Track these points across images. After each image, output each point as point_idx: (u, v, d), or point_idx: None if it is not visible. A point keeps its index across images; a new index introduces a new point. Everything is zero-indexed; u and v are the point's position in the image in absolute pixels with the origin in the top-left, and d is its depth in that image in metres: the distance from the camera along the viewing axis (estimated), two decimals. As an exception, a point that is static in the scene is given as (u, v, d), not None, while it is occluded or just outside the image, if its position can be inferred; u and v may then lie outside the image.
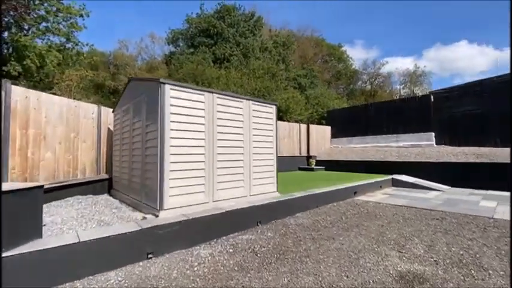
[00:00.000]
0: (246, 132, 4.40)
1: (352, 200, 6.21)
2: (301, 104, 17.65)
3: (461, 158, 9.13)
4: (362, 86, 34.68)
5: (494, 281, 2.45)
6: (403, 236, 3.73)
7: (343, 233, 3.87)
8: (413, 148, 11.46)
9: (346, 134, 14.40)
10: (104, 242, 2.64)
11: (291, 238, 3.63)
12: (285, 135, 11.65)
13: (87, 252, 2.54)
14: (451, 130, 11.09)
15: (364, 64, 35.31)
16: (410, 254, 3.09)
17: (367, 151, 12.47)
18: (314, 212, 5.08)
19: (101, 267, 2.59)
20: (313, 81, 23.99)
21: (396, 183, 8.44)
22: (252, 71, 18.57)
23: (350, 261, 2.91)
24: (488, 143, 9.96)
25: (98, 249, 2.60)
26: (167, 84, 3.53)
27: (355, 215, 4.91)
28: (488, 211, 4.96)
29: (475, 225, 4.15)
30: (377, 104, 14.49)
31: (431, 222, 4.40)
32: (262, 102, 4.77)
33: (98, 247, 2.60)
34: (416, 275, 2.57)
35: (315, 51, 30.57)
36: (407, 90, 33.25)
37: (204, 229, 3.46)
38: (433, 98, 12.04)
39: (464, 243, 3.42)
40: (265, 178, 4.71)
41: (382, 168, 9.69)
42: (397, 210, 5.25)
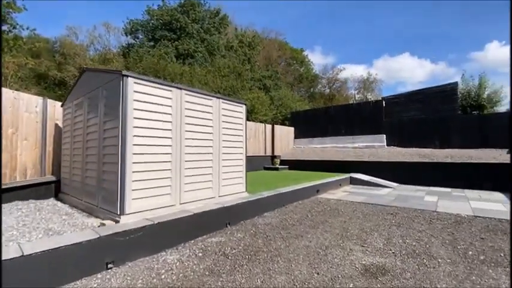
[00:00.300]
0: (215, 131, 4.28)
1: (316, 198, 6.48)
2: (266, 104, 17.91)
3: (408, 158, 10.19)
4: (322, 89, 36.58)
5: (443, 268, 2.75)
6: (364, 231, 3.99)
7: (310, 230, 4.00)
8: (367, 149, 12.45)
9: (307, 135, 15.02)
10: (54, 254, 2.31)
11: (261, 238, 3.62)
12: (251, 135, 11.69)
13: (33, 267, 2.19)
14: (399, 133, 12.32)
15: (324, 69, 37.33)
16: (372, 247, 3.32)
17: (327, 151, 13.18)
18: (281, 210, 5.17)
19: (50, 283, 2.26)
20: (277, 83, 24.54)
21: (354, 181, 9.06)
22: (218, 69, 18.27)
23: (319, 257, 3.00)
24: (429, 144, 11.31)
25: (47, 263, 2.26)
26: (130, 77, 3.24)
27: (319, 212, 5.12)
28: (432, 205, 5.60)
29: (422, 218, 4.64)
30: (336, 107, 15.42)
31: (386, 217, 4.80)
32: (232, 101, 4.69)
33: (47, 260, 2.26)
34: (378, 267, 2.76)
35: (279, 54, 31.32)
36: (361, 96, 36.03)
37: (171, 233, 3.26)
38: (384, 103, 13.25)
39: (415, 235, 3.80)
40: (234, 178, 4.64)
41: (341, 167, 10.32)
42: (356, 206, 5.62)
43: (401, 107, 12.91)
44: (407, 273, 2.63)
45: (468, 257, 3.02)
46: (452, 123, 11.01)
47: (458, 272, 2.65)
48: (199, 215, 3.62)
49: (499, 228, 4.02)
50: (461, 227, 4.15)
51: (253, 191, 5.48)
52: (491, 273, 2.62)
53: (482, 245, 3.36)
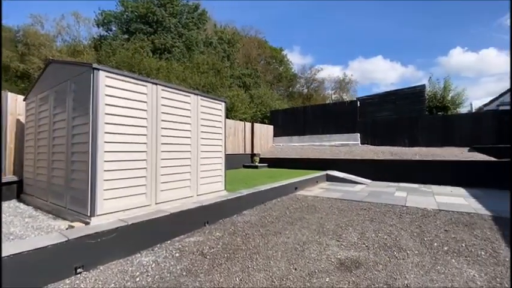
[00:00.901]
0: (193, 129, 4.18)
1: (294, 195, 6.60)
2: (245, 102, 17.87)
3: (380, 155, 10.72)
4: (300, 89, 37.22)
5: (412, 259, 2.92)
6: (339, 226, 4.13)
7: (288, 226, 4.06)
8: (342, 147, 12.90)
9: (287, 134, 15.23)
10: (15, 260, 2.13)
11: (240, 236, 3.61)
12: (230, 133, 11.61)
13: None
14: (372, 132, 12.89)
15: (302, 69, 37.99)
16: (347, 242, 3.44)
17: (305, 149, 13.46)
18: (260, 208, 5.20)
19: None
20: (257, 81, 24.59)
21: (330, 178, 9.35)
22: (196, 65, 17.89)
23: (297, 253, 3.06)
24: (400, 143, 11.97)
25: (7, 271, 2.08)
26: (102, 71, 3.06)
27: (297, 209, 5.22)
28: (402, 200, 5.94)
29: (393, 213, 4.90)
30: (313, 107, 15.77)
31: (360, 212, 5.00)
32: (212, 98, 4.62)
33: (7, 268, 2.08)
34: (353, 261, 2.87)
35: (259, 52, 31.37)
36: (338, 96, 37.18)
37: (146, 234, 3.15)
38: (359, 104, 13.78)
39: (387, 229, 4.00)
40: (213, 177, 4.57)
41: (318, 165, 10.59)
42: (332, 203, 5.80)
43: (375, 107, 13.51)
44: (380, 266, 2.76)
45: (434, 248, 3.24)
46: (420, 123, 11.73)
47: (425, 263, 2.83)
48: (176, 215, 3.53)
49: (460, 221, 4.35)
50: (427, 220, 4.44)
51: (233, 189, 5.46)
52: (454, 262, 2.83)
53: (446, 237, 3.62)
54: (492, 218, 4.45)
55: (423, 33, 45.09)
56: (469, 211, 4.86)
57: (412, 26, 44.79)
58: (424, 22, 43.79)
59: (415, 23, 44.18)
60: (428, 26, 43.82)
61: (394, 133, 12.24)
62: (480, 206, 5.24)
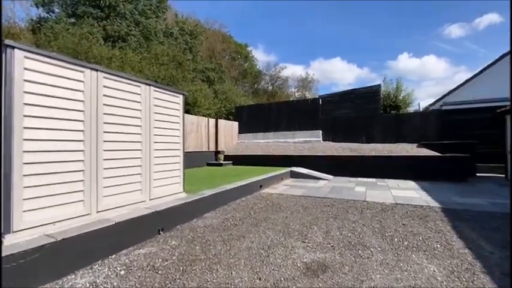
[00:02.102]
0: (145, 124, 3.67)
1: (259, 194, 6.40)
2: (209, 98, 17.23)
3: (340, 152, 11.11)
4: (265, 86, 37.42)
5: (376, 257, 2.88)
6: (304, 225, 4.02)
7: (252, 229, 3.82)
8: (306, 144, 13.15)
9: (252, 130, 15.06)
10: None
11: (200, 243, 3.26)
12: (192, 130, 10.99)
13: None
14: (333, 129, 13.36)
15: (267, 66, 38.23)
16: (313, 242, 3.31)
17: (269, 146, 13.43)
18: (223, 209, 4.88)
19: None
20: (221, 76, 23.95)
21: (294, 175, 9.40)
22: (155, 56, 16.65)
23: (261, 260, 2.82)
24: (358, 139, 12.58)
25: None
26: (19, 50, 2.43)
27: (262, 208, 5.01)
28: (362, 195, 6.12)
29: (355, 209, 4.97)
30: (278, 104, 15.82)
31: (324, 209, 4.99)
32: (167, 89, 4.12)
33: None
34: (319, 264, 2.73)
35: (223, 47, 30.59)
36: (301, 94, 38.25)
37: (83, 250, 2.62)
38: (321, 102, 14.16)
39: (350, 225, 3.99)
40: (169, 178, 4.11)
41: (283, 161, 10.60)
42: (297, 200, 5.72)
43: (335, 106, 14.03)
44: (346, 267, 2.65)
45: (395, 243, 3.27)
46: (376, 121, 12.47)
47: (388, 260, 2.81)
48: (124, 224, 3.04)
49: (415, 214, 4.56)
50: (386, 214, 4.57)
51: (194, 190, 5.04)
52: (415, 258, 2.86)
53: (405, 231, 3.71)
54: (442, 210, 4.76)
55: (376, 38, 48.77)
56: (422, 204, 5.16)
57: (367, 31, 48.13)
58: (377, 28, 47.32)
59: (369, 29, 47.52)
60: (381, 32, 47.53)
61: (353, 130, 12.84)
62: (430, 199, 5.62)
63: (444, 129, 10.94)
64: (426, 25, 45.03)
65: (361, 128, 12.66)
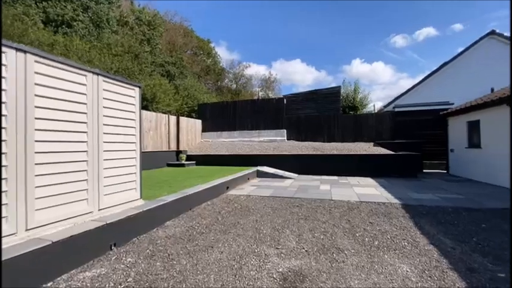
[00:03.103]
0: (91, 120, 3.08)
1: (226, 196, 6.07)
2: (170, 93, 16.18)
3: (304, 150, 11.31)
4: (229, 84, 36.84)
5: (351, 260, 2.81)
6: (276, 229, 3.83)
7: (221, 237, 3.50)
8: (271, 143, 13.14)
9: (216, 129, 14.56)
10: None
11: (161, 259, 2.84)
12: (151, 128, 10.13)
13: None
14: (297, 128, 13.58)
15: (231, 64, 37.68)
16: (286, 248, 3.13)
17: (235, 145, 13.11)
18: (188, 216, 4.45)
19: None
20: (182, 72, 22.76)
21: (260, 174, 9.25)
22: (107, 46, 15.04)
23: (233, 273, 2.53)
24: (320, 138, 12.98)
25: None
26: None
27: (230, 212, 4.71)
28: (327, 194, 6.19)
29: (323, 208, 4.96)
30: (243, 102, 15.57)
31: (293, 210, 4.88)
32: (120, 80, 3.55)
33: None
34: (296, 273, 2.54)
35: (185, 41, 29.17)
36: (264, 93, 38.57)
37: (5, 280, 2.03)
38: (285, 101, 14.30)
39: (321, 226, 3.92)
40: (123, 183, 3.55)
41: (249, 160, 10.40)
42: (265, 201, 5.54)
43: (299, 105, 14.29)
44: (324, 275, 2.51)
45: (366, 244, 3.26)
46: (336, 121, 13.00)
47: (363, 263, 2.75)
48: (63, 242, 2.48)
49: (379, 211, 4.71)
50: (353, 213, 4.64)
51: (153, 195, 4.51)
52: (387, 258, 2.85)
53: (373, 230, 3.76)
54: (402, 206, 5.00)
55: (333, 43, 51.53)
56: (384, 201, 5.38)
57: (325, 36, 50.58)
58: (334, 33, 50.05)
59: (327, 34, 50.01)
60: (337, 38, 50.38)
61: (315, 129, 13.21)
62: (390, 195, 5.91)
63: (396, 129, 11.87)
64: (376, 34, 49.07)
65: (323, 127, 13.09)
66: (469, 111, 8.55)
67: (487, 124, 7.74)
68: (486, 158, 7.65)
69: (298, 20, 49.43)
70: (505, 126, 6.80)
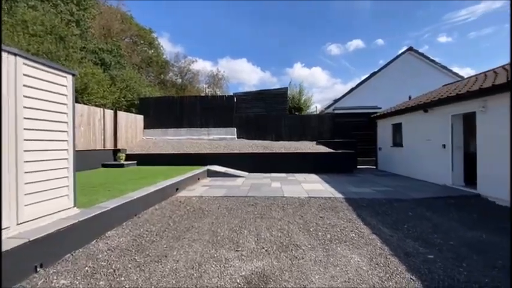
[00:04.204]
0: (6, 113, 2.44)
1: (176, 198, 5.68)
2: (105, 84, 14.35)
3: (254, 148, 11.46)
4: (174, 78, 34.85)
5: (309, 255, 2.91)
6: (233, 230, 3.74)
7: (175, 244, 3.23)
8: (221, 141, 12.93)
9: (161, 125, 13.57)
10: None
11: (105, 276, 2.44)
12: (82, 123, 8.79)
13: None
14: (247, 126, 13.68)
15: (176, 57, 35.69)
16: (246, 250, 3.07)
17: (182, 143, 12.44)
18: (133, 223, 3.98)
19: None
20: (120, 61, 20.45)
21: (211, 174, 8.99)
22: (22, 23, 12.42)
23: (193, 283, 2.34)
24: (269, 137, 13.35)
25: None
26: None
27: (183, 216, 4.41)
28: (279, 191, 6.38)
29: (277, 206, 5.08)
30: (191, 98, 14.88)
31: (249, 209, 4.86)
32: (47, 65, 2.91)
33: None
34: (259, 275, 2.50)
35: (123, 28, 26.29)
36: (212, 90, 37.77)
37: None
38: (236, 99, 14.24)
39: (277, 224, 3.99)
40: (51, 190, 2.94)
41: (198, 160, 10.00)
42: (219, 202, 5.38)
43: (249, 104, 14.41)
44: (286, 273, 2.53)
45: (320, 238, 3.44)
46: (284, 121, 13.58)
47: (320, 257, 2.88)
48: (-35, 271, 1.89)
49: (327, 205, 5.06)
50: (304, 209, 4.87)
51: (89, 202, 3.89)
52: (340, 250, 3.06)
53: (324, 224, 4.00)
54: (345, 200, 5.48)
55: (276, 46, 53.72)
56: (329, 196, 5.81)
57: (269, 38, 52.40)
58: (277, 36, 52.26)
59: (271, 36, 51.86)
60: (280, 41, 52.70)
61: (264, 128, 13.52)
62: (334, 190, 6.42)
63: (335, 129, 13.05)
64: (315, 42, 53.02)
65: (271, 126, 13.50)
66: (393, 115, 9.95)
67: (407, 126, 9.13)
68: (407, 155, 9.03)
69: (245, 20, 49.89)
70: (420, 127, 8.14)
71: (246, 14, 48.81)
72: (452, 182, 6.76)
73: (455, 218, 4.31)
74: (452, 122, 6.79)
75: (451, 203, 5.23)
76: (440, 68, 14.42)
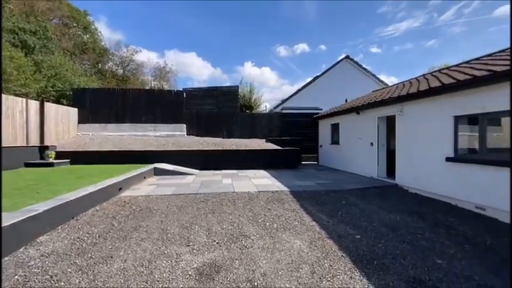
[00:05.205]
0: None
1: (119, 198, 5.33)
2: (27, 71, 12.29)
3: (205, 146, 11.36)
4: (114, 68, 31.69)
5: (257, 244, 3.16)
6: (184, 226, 3.76)
7: (121, 244, 3.11)
8: (169, 138, 12.42)
9: (99, 120, 12.32)
10: None
11: (39, 283, 2.24)
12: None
13: None
14: (197, 123, 13.43)
15: (117, 45, 32.51)
16: (198, 244, 3.15)
17: (125, 140, 11.55)
18: (71, 226, 3.65)
19: None
20: (46, 45, 17.68)
21: (159, 172, 8.62)
22: None
23: (144, 280, 2.34)
24: (220, 134, 13.37)
25: None
26: None
27: (128, 216, 4.21)
28: (230, 187, 6.54)
29: (228, 201, 5.23)
30: (136, 91, 13.82)
31: (200, 205, 4.90)
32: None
33: None
34: (211, 266, 2.63)
35: (50, 6, 22.69)
36: (158, 83, 35.56)
37: None
38: (185, 95, 13.82)
39: (228, 218, 4.15)
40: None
41: (143, 157, 9.46)
42: (168, 200, 5.27)
43: (200, 101, 14.16)
44: (236, 262, 2.72)
45: (267, 228, 3.73)
46: (235, 118, 13.76)
47: (267, 244, 3.15)
48: None
49: (274, 198, 5.43)
50: (254, 202, 5.14)
51: (14, 205, 3.41)
52: (285, 237, 3.39)
53: (271, 215, 4.32)
54: (290, 193, 5.95)
55: (228, 43, 53.59)
56: (276, 189, 6.22)
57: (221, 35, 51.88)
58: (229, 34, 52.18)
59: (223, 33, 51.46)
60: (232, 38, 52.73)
61: (215, 125, 13.49)
62: (280, 184, 6.89)
63: (283, 127, 13.82)
64: (265, 42, 54.67)
65: (223, 123, 13.54)
66: (332, 116, 11.07)
67: (343, 126, 10.27)
68: (343, 151, 10.17)
69: (195, 12, 48.19)
70: (353, 127, 9.27)
71: (197, 6, 47.22)
72: (377, 175, 7.93)
73: (378, 204, 5.13)
74: (378, 124, 7.95)
75: (376, 192, 6.17)
76: (370, 76, 16.51)
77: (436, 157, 5.58)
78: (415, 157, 6.26)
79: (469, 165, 4.86)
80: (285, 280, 2.39)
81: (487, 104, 4.54)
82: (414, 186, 6.22)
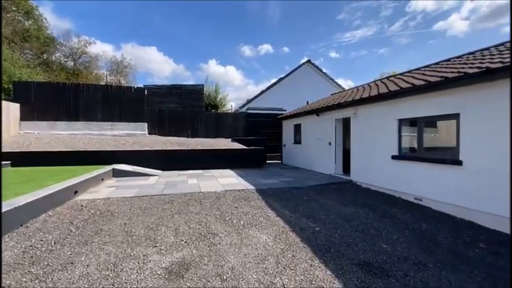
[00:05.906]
0: None
1: (75, 202, 4.97)
2: (-48, 59, 10.54)
3: (168, 145, 11.03)
4: (63, 60, 28.68)
5: (225, 240, 3.28)
6: (150, 228, 3.70)
7: (82, 249, 2.97)
8: (129, 137, 11.78)
9: (47, 117, 11.16)
10: None
11: (-11, 296, 2.08)
12: None
13: None
14: (160, 122, 12.95)
15: (66, 35, 29.47)
16: (165, 244, 3.16)
17: (78, 139, 10.65)
18: (20, 234, 3.35)
19: None
20: (-23, 30, 15.30)
21: (118, 173, 8.16)
22: None
23: (110, 283, 2.31)
24: (184, 133, 13.09)
25: None
26: None
27: (87, 220, 3.99)
28: (196, 187, 6.51)
29: (194, 201, 5.24)
30: (91, 86, 12.77)
31: (165, 206, 4.83)
32: None
33: None
34: (180, 264, 2.68)
35: (-20, -16, 19.66)
36: (114, 78, 33.15)
37: None
38: (147, 92, 13.21)
39: (195, 217, 4.19)
40: None
41: (99, 158, 8.86)
42: (131, 202, 5.08)
43: (162, 98, 13.66)
44: (205, 258, 2.81)
45: (235, 225, 3.87)
46: (200, 117, 13.58)
47: (235, 240, 3.29)
48: None
49: (241, 196, 5.58)
50: (221, 201, 5.23)
51: None
52: (252, 233, 3.56)
53: (238, 213, 4.47)
54: (256, 191, 6.16)
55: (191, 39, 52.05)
56: (243, 188, 6.39)
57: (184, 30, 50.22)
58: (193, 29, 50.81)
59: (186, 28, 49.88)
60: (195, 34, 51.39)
61: (180, 124, 13.15)
62: (246, 183, 7.07)
63: (249, 127, 14.05)
64: (230, 40, 54.45)
65: (187, 122, 13.26)
66: (295, 117, 11.62)
67: (305, 127, 10.86)
68: (305, 151, 10.75)
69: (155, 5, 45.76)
70: (314, 128, 9.87)
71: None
72: (335, 172, 8.58)
73: (335, 198, 5.61)
74: (335, 125, 8.61)
75: (333, 188, 6.71)
76: (329, 80, 17.64)
77: (384, 155, 6.28)
78: (366, 155, 6.96)
79: (409, 162, 5.59)
80: (252, 272, 2.55)
81: (419, 109, 5.29)
82: (366, 182, 6.91)
